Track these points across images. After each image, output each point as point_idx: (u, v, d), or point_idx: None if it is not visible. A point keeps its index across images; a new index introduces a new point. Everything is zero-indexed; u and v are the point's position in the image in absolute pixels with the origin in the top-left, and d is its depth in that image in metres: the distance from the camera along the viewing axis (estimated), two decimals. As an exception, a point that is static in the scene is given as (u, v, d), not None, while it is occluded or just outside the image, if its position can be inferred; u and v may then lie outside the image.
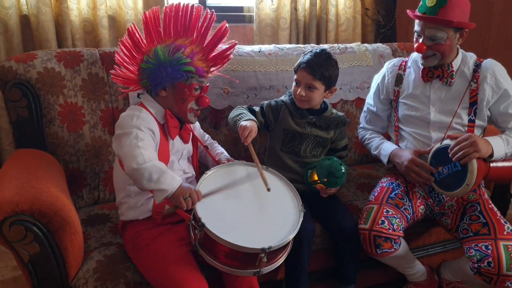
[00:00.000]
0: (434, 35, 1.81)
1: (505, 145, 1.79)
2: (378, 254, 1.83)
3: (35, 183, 1.54)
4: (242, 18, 3.18)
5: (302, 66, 1.91)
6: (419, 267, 2.06)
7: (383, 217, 1.82)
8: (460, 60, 1.93)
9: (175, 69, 1.60)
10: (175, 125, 1.69)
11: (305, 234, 1.78)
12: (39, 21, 2.43)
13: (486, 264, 1.71)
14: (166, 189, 1.46)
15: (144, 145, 1.50)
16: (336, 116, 2.03)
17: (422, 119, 1.98)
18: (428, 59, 1.89)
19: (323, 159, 1.94)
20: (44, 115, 1.93)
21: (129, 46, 1.66)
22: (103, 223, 1.88)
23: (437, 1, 1.77)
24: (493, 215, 1.84)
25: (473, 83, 1.88)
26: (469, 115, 1.90)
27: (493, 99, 1.87)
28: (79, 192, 2.02)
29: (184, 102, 1.66)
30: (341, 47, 2.55)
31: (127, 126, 1.54)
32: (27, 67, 1.88)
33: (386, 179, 2.07)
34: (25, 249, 1.43)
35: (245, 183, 1.71)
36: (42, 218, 1.43)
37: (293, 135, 1.99)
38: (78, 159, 2.00)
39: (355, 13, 3.27)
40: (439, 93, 1.94)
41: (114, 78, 1.72)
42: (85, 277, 1.58)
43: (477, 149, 1.70)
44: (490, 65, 1.88)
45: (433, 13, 1.78)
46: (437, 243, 2.26)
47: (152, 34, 1.65)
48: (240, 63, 2.31)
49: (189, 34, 1.68)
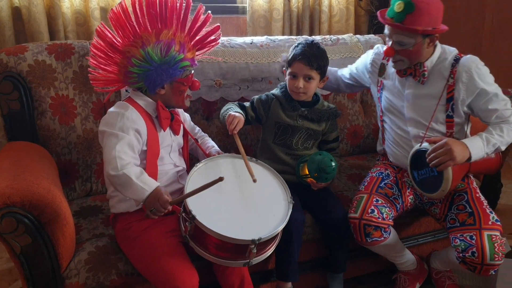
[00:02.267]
0: (402, 41, 1.79)
1: (484, 146, 1.76)
2: (368, 242, 1.86)
3: (26, 175, 1.56)
4: (235, 9, 3.18)
5: (298, 58, 1.91)
6: (409, 256, 2.09)
7: (373, 206, 1.84)
8: (436, 57, 1.88)
9: (174, 68, 1.60)
10: (167, 116, 1.70)
11: (295, 225, 1.80)
12: (30, 13, 2.43)
13: (471, 254, 1.74)
14: (136, 199, 1.54)
15: (121, 150, 1.53)
16: (328, 108, 2.04)
17: (399, 113, 1.99)
18: (397, 63, 1.88)
19: (314, 153, 1.96)
20: (36, 108, 1.94)
21: (102, 47, 1.62)
22: (95, 215, 1.89)
23: (405, 7, 1.72)
24: (479, 205, 1.86)
25: (451, 78, 1.84)
26: (447, 111, 1.88)
27: (469, 98, 1.82)
28: (72, 184, 2.04)
29: (181, 94, 1.69)
30: (333, 39, 2.55)
31: (111, 125, 1.57)
32: (18, 60, 1.89)
33: (375, 169, 2.09)
34: (16, 241, 1.45)
35: (235, 176, 1.73)
36: (33, 210, 1.44)
37: (285, 128, 2.00)
38: (70, 151, 2.01)
39: (348, 4, 3.26)
40: (413, 90, 1.92)
41: (94, 82, 1.68)
42: (77, 268, 1.60)
43: (452, 157, 1.70)
44: (467, 63, 1.81)
45: (400, 20, 1.74)
46: (427, 232, 2.28)
47: (125, 31, 1.60)
48: (232, 55, 2.31)
49: (169, 25, 1.63)
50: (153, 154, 1.64)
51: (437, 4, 1.77)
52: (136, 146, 1.60)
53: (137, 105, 1.65)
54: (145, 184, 1.52)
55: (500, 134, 1.78)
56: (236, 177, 1.73)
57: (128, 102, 1.66)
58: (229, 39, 2.39)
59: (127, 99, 1.68)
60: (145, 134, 1.62)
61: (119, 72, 1.64)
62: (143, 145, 1.63)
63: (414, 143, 1.94)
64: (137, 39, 1.59)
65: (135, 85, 1.65)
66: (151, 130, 1.65)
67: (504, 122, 1.81)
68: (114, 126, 1.56)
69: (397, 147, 2.04)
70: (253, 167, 1.75)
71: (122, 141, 1.55)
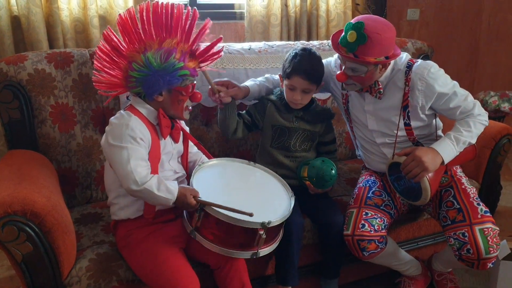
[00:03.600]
0: (355, 68, 1.78)
1: (455, 146, 1.78)
2: (366, 256, 1.86)
3: (27, 184, 1.57)
4: (233, 15, 3.19)
5: (299, 73, 1.89)
6: (412, 262, 2.10)
7: (363, 220, 1.84)
8: (389, 72, 1.87)
9: (171, 75, 1.60)
10: (168, 125, 1.69)
11: (295, 227, 1.81)
12: (29, 21, 2.44)
13: (466, 251, 1.75)
14: (170, 199, 1.57)
15: (136, 164, 1.54)
16: (322, 110, 2.06)
17: (363, 125, 2.01)
18: (349, 86, 1.88)
19: (317, 158, 1.97)
20: (36, 116, 1.95)
21: (108, 51, 1.62)
22: (95, 222, 1.90)
23: (357, 39, 1.71)
24: (466, 198, 1.85)
25: (406, 86, 1.83)
26: (404, 119, 1.88)
27: (428, 103, 1.83)
28: (72, 191, 2.05)
29: (180, 103, 1.68)
30: (330, 44, 2.56)
31: (118, 137, 1.56)
32: (17, 69, 1.90)
33: (361, 178, 2.10)
34: (18, 249, 1.46)
35: (240, 174, 1.83)
36: (34, 219, 1.45)
37: (282, 130, 2.01)
38: (70, 159, 2.02)
39: (345, 8, 3.28)
40: (373, 105, 1.93)
41: (97, 84, 1.67)
42: (78, 275, 1.61)
43: (424, 168, 1.72)
44: (419, 70, 1.81)
45: (352, 50, 1.73)
46: (426, 235, 2.29)
47: (131, 36, 1.61)
48: (230, 61, 2.32)
49: (173, 34, 1.64)
50: (154, 159, 1.64)
51: (389, 33, 1.75)
52: (146, 153, 1.61)
53: (138, 113, 1.65)
54: (168, 193, 1.56)
55: (468, 129, 1.81)
56: (243, 175, 1.83)
57: (129, 110, 1.65)
58: (228, 45, 2.40)
59: (129, 107, 1.67)
60: (149, 142, 1.63)
61: (122, 77, 1.64)
62: (147, 148, 1.64)
63: (382, 149, 1.98)
64: (141, 45, 1.61)
65: (134, 90, 1.65)
66: (154, 138, 1.65)
67: (469, 115, 1.83)
68: (122, 138, 1.56)
69: (369, 154, 2.07)
70: (251, 170, 1.86)
71: (134, 154, 1.55)
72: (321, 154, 2.09)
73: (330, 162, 1.93)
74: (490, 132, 2.11)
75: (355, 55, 1.74)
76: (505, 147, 2.28)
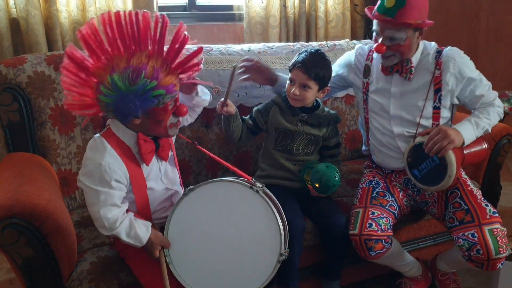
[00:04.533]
0: (393, 36, 1.79)
1: (474, 129, 1.82)
2: (372, 256, 1.85)
3: (27, 186, 1.56)
4: (232, 17, 3.19)
5: (297, 66, 1.92)
6: (414, 263, 2.09)
7: (370, 219, 1.84)
8: (420, 53, 1.91)
9: (143, 98, 1.39)
10: (150, 150, 1.55)
11: (296, 231, 1.80)
12: (28, 24, 2.43)
13: (476, 252, 1.74)
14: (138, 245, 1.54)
15: (106, 210, 1.48)
16: (328, 114, 2.05)
17: (384, 112, 2.00)
18: (388, 59, 1.88)
19: (321, 163, 1.96)
20: (35, 119, 1.94)
21: (73, 69, 1.43)
22: (96, 224, 1.90)
23: (396, 3, 1.73)
24: (473, 199, 1.85)
25: (437, 70, 1.87)
26: (434, 102, 1.90)
27: (458, 88, 1.87)
28: (72, 193, 2.04)
29: (162, 123, 1.52)
30: (329, 45, 2.57)
31: (91, 177, 1.47)
32: (17, 71, 1.90)
33: (364, 179, 2.09)
34: (18, 252, 1.45)
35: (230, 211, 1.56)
36: (34, 222, 1.44)
37: (285, 133, 2.01)
38: (70, 162, 2.02)
39: (344, 9, 3.28)
40: (400, 87, 1.94)
41: (69, 107, 1.48)
42: (79, 279, 1.60)
43: (451, 140, 1.74)
44: (452, 53, 1.86)
45: (391, 15, 1.75)
46: (427, 236, 2.29)
47: (96, 52, 1.42)
48: (230, 62, 2.31)
49: (143, 46, 1.42)
50: (139, 188, 1.58)
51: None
52: (119, 196, 1.51)
53: (116, 139, 1.52)
54: (136, 241, 1.52)
55: (487, 117, 1.86)
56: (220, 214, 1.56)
57: (106, 136, 1.52)
58: (227, 47, 2.39)
59: (107, 131, 1.54)
60: (128, 178, 1.53)
61: (94, 96, 1.46)
62: (127, 185, 1.55)
63: (398, 141, 1.96)
64: (109, 61, 1.41)
65: (107, 114, 1.49)
66: (133, 170, 1.54)
67: (489, 105, 1.89)
68: (93, 179, 1.46)
69: (382, 148, 2.05)
70: (256, 200, 1.53)
71: (104, 199, 1.47)
72: (324, 157, 2.09)
73: (334, 168, 1.92)
74: (490, 132, 2.10)
75: (395, 19, 1.76)
76: (505, 147, 2.28)
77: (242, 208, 1.55)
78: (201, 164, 2.27)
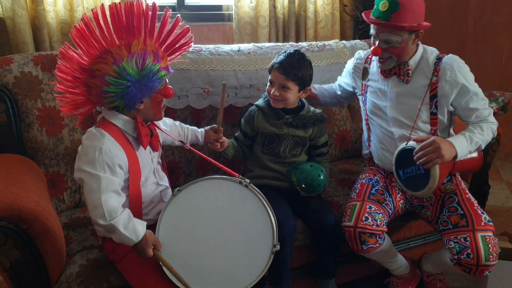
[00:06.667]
0: (389, 39, 1.81)
1: (468, 144, 1.81)
2: (364, 250, 1.86)
3: (14, 188, 1.54)
4: (221, 17, 3.19)
5: (275, 67, 1.93)
6: (402, 261, 2.10)
7: (367, 213, 1.85)
8: (419, 56, 1.91)
9: (153, 80, 1.50)
10: (147, 133, 1.60)
11: (287, 231, 1.80)
12: (15, 24, 2.41)
13: (466, 256, 1.75)
14: (133, 240, 1.49)
15: (106, 196, 1.45)
16: (313, 114, 2.04)
17: (383, 114, 2.01)
18: (385, 62, 1.89)
19: (306, 163, 1.96)
20: (23, 120, 1.92)
21: (69, 69, 1.48)
22: (84, 226, 1.87)
23: (390, 6, 1.75)
24: (470, 206, 1.87)
25: (434, 76, 1.87)
26: (431, 108, 1.91)
27: (453, 95, 1.86)
28: (60, 195, 2.02)
29: (159, 105, 1.60)
30: (319, 45, 2.57)
31: (91, 163, 1.46)
32: (3, 72, 1.87)
33: (364, 175, 2.10)
34: (5, 255, 1.43)
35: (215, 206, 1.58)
36: (22, 224, 1.42)
37: (271, 137, 2.01)
38: (58, 163, 1.99)
39: (333, 9, 3.29)
40: (397, 89, 1.94)
41: (63, 108, 1.55)
42: (68, 282, 1.58)
43: (440, 155, 1.73)
44: (450, 61, 1.86)
45: (386, 18, 1.77)
46: (417, 236, 2.30)
47: (91, 46, 1.46)
48: (219, 63, 2.31)
49: (137, 34, 1.50)
50: (135, 178, 1.58)
51: (420, 1, 1.81)
52: (119, 183, 1.52)
53: (113, 127, 1.54)
54: (132, 234, 1.48)
55: (481, 133, 1.84)
56: (211, 211, 1.57)
57: (102, 126, 1.54)
58: (216, 47, 2.39)
59: (102, 122, 1.56)
60: (126, 164, 1.54)
61: (89, 93, 1.51)
62: (125, 174, 1.55)
63: (399, 143, 1.96)
64: (106, 54, 1.46)
65: (112, 105, 1.52)
66: (131, 155, 1.56)
67: (483, 121, 1.87)
68: (94, 165, 1.46)
69: (383, 149, 2.06)
70: (245, 194, 1.57)
71: (105, 185, 1.46)
72: (313, 156, 2.09)
73: (319, 167, 1.92)
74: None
75: (389, 22, 1.77)
76: (494, 147, 2.29)
77: (232, 203, 1.58)
78: (190, 165, 2.26)
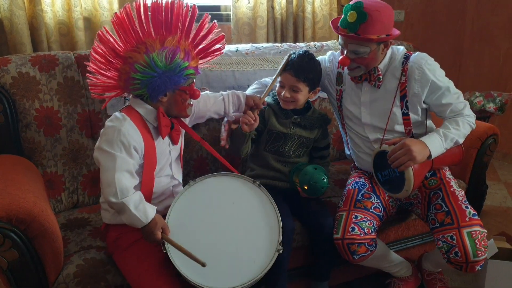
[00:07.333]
0: (357, 50, 1.78)
1: (443, 142, 1.80)
2: (356, 260, 1.85)
3: (12, 189, 1.54)
4: (219, 17, 3.19)
5: (287, 69, 1.91)
6: (403, 264, 2.10)
7: (353, 223, 1.83)
8: (388, 59, 1.89)
9: (178, 75, 1.56)
10: (167, 124, 1.65)
11: (285, 232, 1.78)
12: (12, 24, 2.40)
13: (454, 255, 1.75)
14: (130, 225, 1.53)
15: (120, 175, 1.49)
16: (319, 115, 2.05)
17: (357, 120, 2.01)
18: (353, 70, 1.88)
19: (310, 165, 1.95)
20: (20, 120, 1.92)
21: (104, 52, 1.58)
22: (82, 227, 1.87)
23: (357, 18, 1.72)
24: (454, 201, 1.85)
25: (403, 76, 1.85)
26: (402, 109, 1.89)
27: (424, 93, 1.85)
28: (58, 196, 2.02)
29: (183, 102, 1.64)
30: (317, 45, 2.57)
31: (109, 142, 1.52)
32: (1, 72, 1.87)
33: (350, 180, 2.09)
34: (3, 256, 1.43)
35: (232, 204, 1.67)
36: (19, 225, 1.42)
37: (278, 135, 2.00)
38: (56, 164, 1.99)
39: (331, 10, 3.30)
40: (369, 95, 1.94)
41: (92, 88, 1.63)
42: (66, 282, 1.58)
43: (412, 157, 1.73)
44: (417, 59, 1.84)
45: (353, 30, 1.74)
46: (414, 236, 2.31)
47: (128, 35, 1.56)
48: (217, 63, 2.31)
49: (173, 31, 1.59)
50: (150, 166, 1.61)
51: (388, 11, 1.78)
52: (134, 165, 1.56)
53: (136, 114, 1.60)
54: (142, 215, 1.50)
55: (456, 128, 1.83)
56: (222, 205, 1.66)
57: (126, 111, 1.60)
58: (214, 47, 2.39)
59: (126, 108, 1.63)
60: (142, 149, 1.58)
61: (119, 78, 1.59)
62: (140, 158, 1.59)
63: (375, 145, 1.97)
64: (140, 44, 1.55)
65: (136, 92, 1.59)
66: (148, 142, 1.60)
67: (458, 115, 1.87)
68: (112, 144, 1.51)
69: (360, 152, 2.06)
70: (257, 194, 1.69)
71: (121, 164, 1.50)
72: (314, 158, 2.08)
73: (323, 170, 1.92)
74: (476, 132, 2.13)
75: (357, 34, 1.75)
76: (491, 147, 2.30)
77: (244, 200, 1.68)
78: (188, 165, 2.26)
